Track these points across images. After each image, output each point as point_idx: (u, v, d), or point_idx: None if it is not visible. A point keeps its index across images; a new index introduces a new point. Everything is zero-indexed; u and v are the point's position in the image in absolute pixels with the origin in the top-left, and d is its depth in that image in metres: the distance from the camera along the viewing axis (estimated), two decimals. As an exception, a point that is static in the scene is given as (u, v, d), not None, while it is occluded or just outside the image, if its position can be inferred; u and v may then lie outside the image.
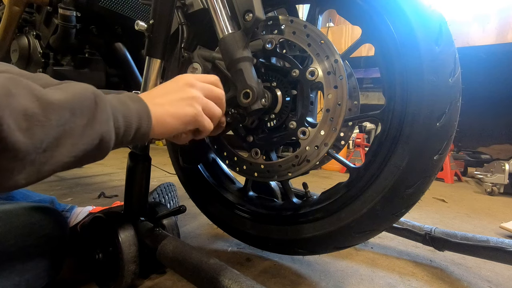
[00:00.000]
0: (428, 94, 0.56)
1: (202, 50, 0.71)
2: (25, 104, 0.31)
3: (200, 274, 0.58)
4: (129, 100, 0.44)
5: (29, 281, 0.58)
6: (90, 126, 0.36)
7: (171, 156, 0.99)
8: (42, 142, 0.32)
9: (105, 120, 0.38)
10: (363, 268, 0.91)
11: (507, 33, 2.23)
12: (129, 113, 0.42)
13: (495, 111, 3.20)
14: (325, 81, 0.63)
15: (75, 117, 0.35)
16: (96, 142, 0.37)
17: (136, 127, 0.43)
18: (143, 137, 0.45)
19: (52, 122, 0.33)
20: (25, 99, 0.31)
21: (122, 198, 0.78)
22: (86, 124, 0.36)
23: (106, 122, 0.38)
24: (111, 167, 2.49)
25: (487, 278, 0.89)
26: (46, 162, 0.33)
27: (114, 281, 0.70)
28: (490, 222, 1.47)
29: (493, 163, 2.26)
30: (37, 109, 0.32)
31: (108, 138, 0.39)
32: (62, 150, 0.34)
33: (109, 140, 0.39)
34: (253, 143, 0.76)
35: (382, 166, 0.61)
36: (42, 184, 1.77)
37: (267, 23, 0.68)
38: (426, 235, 0.91)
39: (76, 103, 0.36)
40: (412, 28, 0.56)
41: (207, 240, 1.05)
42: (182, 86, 0.51)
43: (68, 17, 0.95)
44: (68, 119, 0.34)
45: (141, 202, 0.77)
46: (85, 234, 0.79)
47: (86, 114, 0.36)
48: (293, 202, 0.78)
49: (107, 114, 0.39)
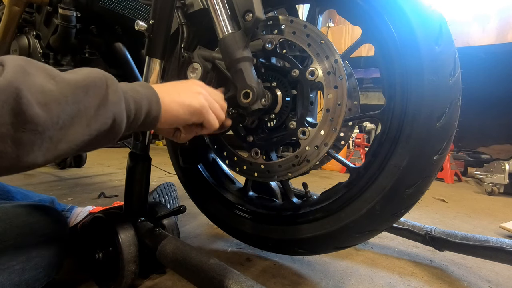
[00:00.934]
0: (428, 94, 0.56)
1: (202, 50, 0.71)
2: (41, 82, 0.33)
3: (200, 274, 0.58)
4: (139, 86, 0.46)
5: (29, 281, 0.58)
6: (103, 106, 0.38)
7: (171, 156, 0.99)
8: (59, 118, 0.33)
9: (117, 101, 0.40)
10: (363, 268, 0.91)
11: (507, 33, 2.23)
12: (139, 97, 0.44)
13: (495, 111, 3.20)
14: (325, 81, 0.63)
15: (89, 97, 0.37)
16: (109, 122, 0.39)
17: (146, 111, 0.45)
18: (152, 121, 0.47)
19: (68, 99, 0.34)
20: (41, 78, 0.33)
21: (122, 198, 0.78)
22: (99, 104, 0.38)
23: (118, 103, 0.40)
24: (111, 167, 2.49)
25: (487, 278, 0.89)
26: (62, 139, 0.34)
27: (114, 281, 0.70)
28: (490, 222, 1.47)
29: (493, 163, 2.26)
30: (53, 87, 0.34)
31: (120, 119, 0.40)
32: (77, 128, 0.36)
33: (121, 121, 0.41)
34: (253, 143, 0.76)
35: (382, 166, 0.61)
36: (42, 184, 1.78)
37: (267, 23, 0.68)
38: (426, 235, 0.91)
39: (89, 84, 0.37)
40: (412, 28, 0.56)
41: (207, 240, 1.05)
42: (191, 83, 0.55)
43: (68, 17, 0.95)
44: (82, 98, 0.36)
45: (141, 202, 0.77)
46: (85, 234, 0.79)
47: (98, 94, 0.38)
48: (293, 202, 0.78)
49: (119, 95, 0.40)
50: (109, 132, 0.40)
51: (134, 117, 0.43)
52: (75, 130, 0.35)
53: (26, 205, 0.67)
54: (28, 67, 0.33)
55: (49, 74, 0.34)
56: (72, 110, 0.35)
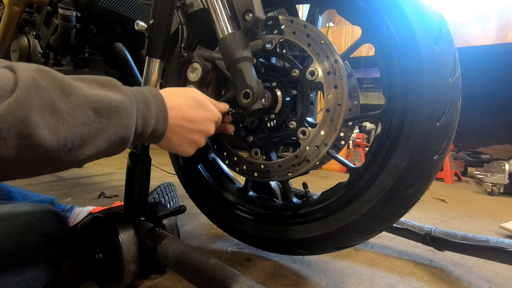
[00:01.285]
0: (428, 94, 0.56)
1: (202, 50, 0.71)
2: (53, 99, 0.32)
3: (200, 274, 0.58)
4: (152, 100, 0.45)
5: (28, 280, 0.58)
6: (114, 129, 0.37)
7: (171, 156, 0.99)
8: (67, 141, 0.33)
9: (129, 126, 0.40)
10: (363, 268, 0.91)
11: (507, 33, 2.22)
12: (149, 116, 0.44)
13: (495, 111, 3.20)
14: (325, 81, 0.63)
15: (101, 118, 0.36)
16: (117, 142, 0.39)
17: (152, 130, 0.45)
18: (155, 139, 0.48)
19: (78, 122, 0.34)
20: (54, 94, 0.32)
21: (122, 198, 0.78)
22: (110, 127, 0.37)
23: (130, 128, 0.40)
24: (111, 167, 2.49)
25: (487, 278, 0.89)
26: (66, 160, 0.34)
27: (114, 281, 0.70)
28: (490, 222, 1.47)
29: (493, 163, 2.26)
30: (65, 106, 0.33)
31: (126, 139, 0.40)
32: (84, 149, 0.35)
33: (128, 140, 0.41)
34: (253, 143, 0.76)
35: (382, 166, 0.61)
36: (42, 184, 1.77)
37: (267, 23, 0.68)
38: (426, 235, 0.91)
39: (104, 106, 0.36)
40: (412, 28, 0.56)
41: (207, 240, 1.05)
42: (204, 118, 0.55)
43: (68, 17, 0.95)
44: (94, 120, 0.35)
45: (141, 202, 0.77)
46: (85, 234, 0.79)
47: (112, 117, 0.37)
48: (293, 202, 0.78)
49: (132, 120, 0.40)
50: (113, 150, 0.40)
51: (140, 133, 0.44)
52: (82, 151, 0.35)
53: (26, 205, 0.67)
54: (42, 80, 0.32)
55: (63, 90, 0.33)
56: (81, 132, 0.34)
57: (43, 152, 0.31)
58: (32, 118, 0.30)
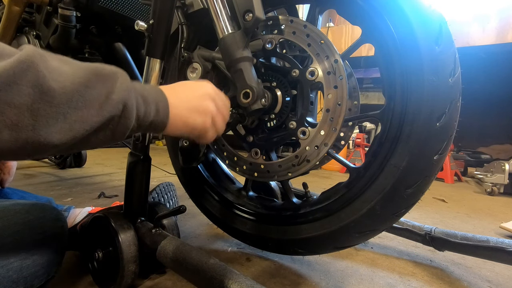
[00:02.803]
0: (428, 94, 0.56)
1: (202, 50, 0.71)
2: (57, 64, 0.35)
3: (200, 274, 0.58)
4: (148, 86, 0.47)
5: (27, 278, 0.58)
6: (113, 93, 0.40)
7: (171, 156, 0.99)
8: (73, 96, 0.35)
9: (126, 89, 0.41)
10: (363, 268, 0.91)
11: (507, 33, 2.23)
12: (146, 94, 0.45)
13: (495, 111, 3.20)
14: (325, 81, 0.63)
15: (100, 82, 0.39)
16: (120, 108, 0.40)
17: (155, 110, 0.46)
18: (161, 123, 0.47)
19: (81, 81, 0.36)
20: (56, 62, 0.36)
21: (122, 198, 0.78)
22: (110, 91, 0.39)
23: (127, 91, 0.41)
24: (111, 167, 2.49)
25: (487, 278, 0.89)
26: (76, 120, 0.35)
27: (114, 281, 0.70)
28: (490, 222, 1.47)
29: (493, 163, 2.26)
30: (67, 69, 0.36)
31: (130, 106, 0.41)
32: (90, 110, 0.37)
33: (131, 109, 0.42)
34: (253, 143, 0.76)
35: (382, 166, 0.61)
36: (42, 184, 1.78)
37: (267, 23, 0.68)
38: (426, 235, 0.91)
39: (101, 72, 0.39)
40: (412, 28, 0.56)
41: (207, 240, 1.05)
42: (203, 96, 0.54)
43: (68, 17, 0.95)
44: (94, 82, 0.38)
45: (141, 202, 0.77)
46: (85, 234, 0.79)
47: (109, 81, 0.40)
48: (293, 202, 0.78)
49: (128, 85, 0.42)
50: (120, 118, 0.40)
51: (144, 113, 0.44)
52: (88, 112, 0.36)
53: (24, 203, 0.67)
54: (43, 53, 0.35)
55: (63, 60, 0.37)
56: (85, 92, 0.36)
57: (53, 103, 0.33)
58: (40, 69, 0.32)
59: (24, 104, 0.31)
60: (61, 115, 0.34)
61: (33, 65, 0.32)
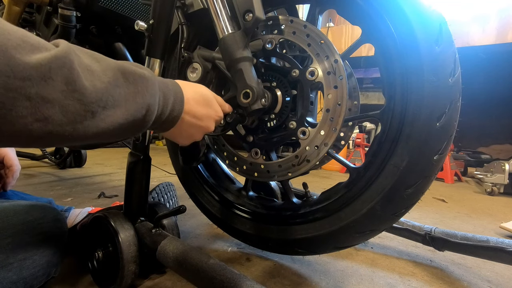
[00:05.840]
0: (428, 94, 0.56)
1: (202, 50, 0.71)
2: (88, 62, 0.36)
3: (200, 274, 0.58)
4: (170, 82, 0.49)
5: (27, 279, 0.58)
6: (141, 95, 0.41)
7: (171, 156, 0.99)
8: (103, 96, 0.36)
9: (153, 94, 0.43)
10: (363, 268, 0.91)
11: (507, 33, 2.23)
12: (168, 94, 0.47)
13: (495, 111, 3.20)
14: (325, 81, 0.63)
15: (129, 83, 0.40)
16: (143, 112, 0.41)
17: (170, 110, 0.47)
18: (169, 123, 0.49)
19: (111, 81, 0.37)
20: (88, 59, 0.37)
21: (122, 198, 0.78)
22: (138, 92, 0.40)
23: (154, 96, 0.43)
24: (111, 167, 2.49)
25: (487, 278, 0.89)
26: (104, 119, 0.36)
27: (114, 281, 0.70)
28: (490, 222, 1.47)
29: (493, 163, 2.25)
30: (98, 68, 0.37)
31: (152, 111, 0.43)
32: (117, 110, 0.38)
33: (152, 113, 0.43)
34: (253, 143, 0.76)
35: (382, 166, 0.61)
36: (42, 184, 1.78)
37: (267, 23, 0.68)
38: (426, 235, 0.91)
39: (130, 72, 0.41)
40: (412, 28, 0.56)
41: (207, 240, 1.05)
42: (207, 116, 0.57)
43: (68, 17, 0.95)
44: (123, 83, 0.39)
45: (141, 202, 0.77)
46: (85, 234, 0.79)
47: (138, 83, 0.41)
48: (293, 202, 0.78)
49: (155, 89, 0.43)
50: (140, 121, 0.42)
51: (161, 111, 0.45)
52: (114, 112, 0.37)
53: (24, 203, 0.67)
54: (77, 49, 0.36)
55: (94, 56, 0.38)
56: (114, 92, 0.37)
57: (83, 101, 0.34)
58: (75, 67, 0.33)
59: (57, 100, 0.32)
60: (90, 113, 0.35)
61: (69, 62, 0.33)
